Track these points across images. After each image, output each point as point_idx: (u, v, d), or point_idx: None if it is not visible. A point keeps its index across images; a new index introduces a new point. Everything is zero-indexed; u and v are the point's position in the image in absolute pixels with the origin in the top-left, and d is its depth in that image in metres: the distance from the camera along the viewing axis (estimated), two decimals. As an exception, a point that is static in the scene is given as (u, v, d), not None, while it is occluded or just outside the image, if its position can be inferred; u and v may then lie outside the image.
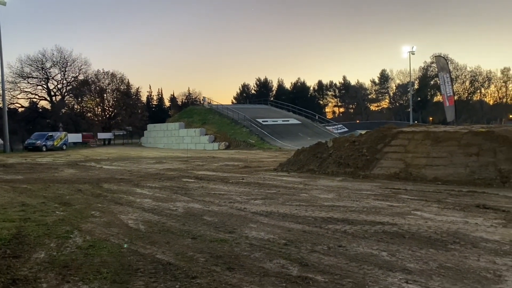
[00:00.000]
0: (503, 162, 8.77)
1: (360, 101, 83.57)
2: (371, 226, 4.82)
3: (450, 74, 21.10)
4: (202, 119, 35.98)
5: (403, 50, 44.35)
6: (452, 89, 19.62)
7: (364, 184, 8.84)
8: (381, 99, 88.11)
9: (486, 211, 5.60)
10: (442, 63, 20.94)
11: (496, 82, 75.20)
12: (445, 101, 19.71)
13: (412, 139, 10.73)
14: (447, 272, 3.19)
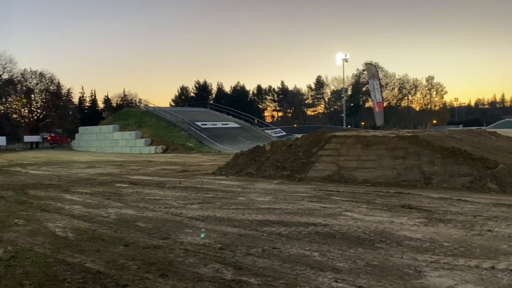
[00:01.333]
0: (426, 165, 9.40)
1: (298, 105, 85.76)
2: (304, 228, 4.95)
3: (379, 81, 22.33)
4: (138, 122, 34.97)
5: (337, 57, 46.13)
6: (381, 96, 20.75)
7: (300, 187, 9.06)
8: (317, 104, 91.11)
9: (411, 211, 5.96)
10: (373, 70, 22.11)
11: (422, 89, 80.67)
12: (375, 106, 20.85)
13: (344, 143, 11.19)
14: (373, 270, 3.36)
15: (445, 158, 9.37)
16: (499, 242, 4.12)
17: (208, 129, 33.32)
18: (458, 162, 9.14)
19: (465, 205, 6.40)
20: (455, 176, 8.78)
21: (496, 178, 8.34)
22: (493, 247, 3.94)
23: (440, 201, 6.87)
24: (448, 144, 10.02)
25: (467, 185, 8.39)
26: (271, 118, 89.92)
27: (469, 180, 8.50)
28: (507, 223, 4.98)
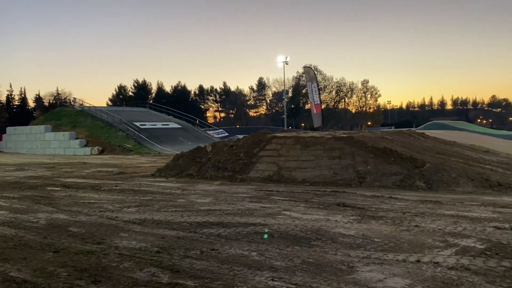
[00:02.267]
0: (360, 164, 9.82)
1: (240, 106, 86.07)
2: (244, 228, 4.97)
3: (317, 84, 23.02)
4: (73, 122, 33.32)
5: (278, 60, 46.92)
6: (319, 98, 21.41)
7: (241, 187, 9.10)
8: (259, 106, 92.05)
9: (345, 209, 6.20)
10: (311, 73, 22.76)
11: (358, 92, 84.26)
12: (313, 108, 21.48)
13: (284, 143, 11.40)
14: (308, 267, 3.45)
15: (378, 158, 9.85)
16: (425, 236, 4.40)
17: (147, 129, 32.48)
18: (389, 161, 9.64)
19: (396, 203, 6.77)
20: (387, 175, 9.25)
21: (424, 176, 8.89)
22: (419, 241, 4.20)
23: (373, 199, 7.20)
24: (380, 144, 10.53)
25: (398, 183, 8.87)
26: (213, 119, 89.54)
27: (400, 178, 9.00)
28: (432, 219, 5.32)
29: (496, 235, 4.38)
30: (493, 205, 6.46)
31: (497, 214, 5.64)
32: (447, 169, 9.13)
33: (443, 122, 45.35)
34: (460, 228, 4.77)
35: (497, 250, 3.81)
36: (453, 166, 9.49)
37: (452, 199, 7.08)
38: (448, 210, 6.01)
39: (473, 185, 8.54)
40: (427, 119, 72.88)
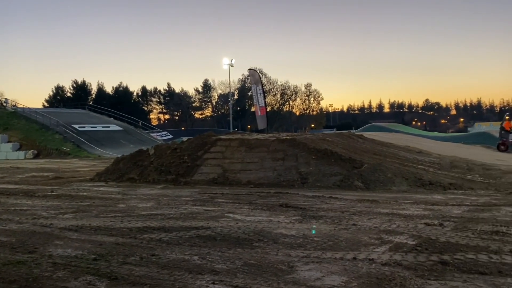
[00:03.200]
0: (302, 166, 10.05)
1: (185, 108, 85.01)
2: (186, 232, 4.91)
3: (262, 86, 23.30)
4: (4, 124, 31.25)
5: (224, 62, 46.93)
6: (264, 101, 21.63)
7: (185, 191, 8.98)
8: (205, 107, 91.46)
9: (288, 209, 6.31)
10: (256, 76, 22.97)
11: (301, 95, 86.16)
12: (258, 111, 21.69)
13: (229, 146, 11.41)
14: (250, 268, 3.47)
15: (319, 159, 10.13)
16: (361, 234, 4.59)
17: (86, 132, 31.18)
18: (330, 162, 9.95)
19: (335, 202, 7.00)
20: (328, 175, 9.54)
21: (362, 176, 9.27)
22: (356, 239, 4.37)
23: (314, 199, 7.40)
24: (321, 146, 10.84)
25: (338, 183, 9.18)
26: (157, 121, 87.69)
27: (339, 179, 9.31)
28: (368, 217, 5.56)
29: (426, 231, 4.66)
30: (425, 202, 6.87)
31: (428, 211, 6.00)
32: (383, 169, 9.57)
33: (380, 125, 47.57)
34: (394, 225, 5.03)
35: (426, 245, 4.05)
36: (389, 167, 9.97)
37: (388, 198, 7.43)
38: (384, 208, 6.31)
39: (407, 184, 9.02)
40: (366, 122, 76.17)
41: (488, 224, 5.03)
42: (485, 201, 7.05)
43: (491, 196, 7.85)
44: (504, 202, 6.95)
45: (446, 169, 11.71)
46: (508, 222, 5.12)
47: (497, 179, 10.64)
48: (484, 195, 8.01)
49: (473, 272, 3.25)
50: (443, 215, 5.65)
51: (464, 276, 3.17)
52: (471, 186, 9.12)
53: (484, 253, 3.75)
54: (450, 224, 5.02)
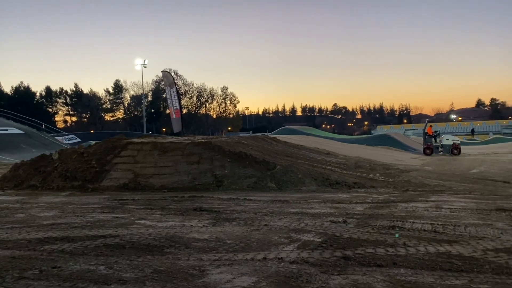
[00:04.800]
0: (218, 168, 10.08)
1: (94, 110, 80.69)
2: (92, 241, 4.65)
3: (177, 88, 22.95)
4: None
5: (136, 62, 45.37)
6: (179, 103, 21.32)
7: (92, 198, 8.51)
8: (117, 109, 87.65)
9: (202, 213, 6.28)
10: (170, 78, 22.55)
11: (218, 98, 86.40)
12: (172, 113, 21.32)
13: (141, 149, 11.06)
14: (160, 275, 3.39)
15: (234, 162, 10.24)
16: (272, 234, 4.71)
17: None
18: (245, 165, 10.10)
19: (249, 204, 7.11)
20: (242, 177, 9.67)
21: (275, 178, 9.54)
22: (267, 239, 4.48)
23: (229, 201, 7.45)
24: (236, 149, 10.97)
25: (252, 185, 9.35)
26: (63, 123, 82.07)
27: (254, 181, 9.50)
28: (280, 217, 5.74)
29: (331, 229, 4.92)
30: (331, 201, 7.27)
31: (334, 210, 6.35)
32: (294, 171, 9.96)
33: (293, 128, 49.30)
34: (303, 224, 5.24)
35: (331, 242, 4.28)
36: (300, 168, 10.40)
37: (298, 198, 7.74)
38: (294, 208, 6.56)
39: (316, 184, 9.48)
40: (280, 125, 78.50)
41: (386, 219, 5.46)
42: (384, 199, 7.65)
43: (390, 193, 8.55)
44: (400, 199, 7.61)
45: (351, 169, 12.52)
46: (403, 217, 5.61)
47: (396, 177, 11.63)
48: (384, 193, 8.70)
49: (372, 265, 3.50)
50: (347, 213, 6.02)
51: (363, 269, 3.40)
52: (373, 185, 9.85)
53: (382, 246, 4.06)
54: (353, 221, 5.37)
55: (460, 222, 5.26)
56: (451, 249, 3.93)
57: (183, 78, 77.56)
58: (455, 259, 3.63)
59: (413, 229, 4.86)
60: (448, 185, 10.04)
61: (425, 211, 6.10)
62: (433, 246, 4.04)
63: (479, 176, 12.28)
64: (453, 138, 23.96)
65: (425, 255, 3.76)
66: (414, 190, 9.13)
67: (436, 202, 7.05)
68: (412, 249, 3.94)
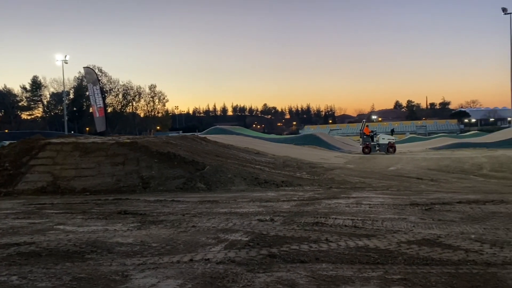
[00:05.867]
0: (144, 170, 9.80)
1: (9, 108, 74.67)
2: (4, 250, 4.30)
3: (100, 86, 21.95)
4: None
5: (57, 58, 42.68)
6: (103, 101, 20.40)
7: (5, 203, 7.88)
8: (34, 107, 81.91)
9: (126, 216, 6.06)
10: (93, 75, 21.49)
11: (145, 97, 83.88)
12: (95, 112, 20.34)
13: (61, 150, 10.43)
14: (79, 283, 3.22)
15: (162, 162, 10.02)
16: (200, 235, 4.68)
17: None
18: (173, 165, 9.93)
19: (177, 205, 7.00)
20: (171, 178, 9.50)
21: (204, 178, 9.49)
22: (194, 241, 4.44)
23: (156, 203, 7.28)
24: (164, 149, 10.75)
25: (181, 186, 9.22)
26: (-28, 123, 74.81)
27: (182, 181, 9.37)
28: (208, 218, 5.72)
29: (259, 227, 5.00)
30: (260, 200, 7.39)
31: (262, 208, 6.46)
32: (224, 170, 9.98)
33: (223, 127, 49.30)
34: (231, 224, 5.27)
35: (258, 240, 4.35)
36: (229, 167, 10.44)
37: (227, 198, 7.77)
38: (223, 208, 6.57)
39: (245, 184, 9.57)
40: (211, 124, 78.24)
41: (311, 216, 5.67)
42: (309, 196, 7.93)
43: (315, 191, 8.88)
44: (324, 196, 7.93)
45: (279, 168, 12.82)
46: (327, 214, 5.85)
47: (321, 175, 12.10)
48: (309, 190, 9.02)
49: (296, 261, 3.61)
50: (274, 211, 6.15)
51: (288, 266, 3.50)
52: (300, 183, 10.17)
53: (306, 243, 4.20)
54: (280, 219, 5.50)
55: (378, 217, 5.60)
56: (369, 243, 4.17)
57: (108, 75, 74.28)
58: (372, 252, 3.86)
59: (335, 225, 5.09)
60: (368, 182, 10.66)
61: (346, 207, 6.41)
62: (353, 241, 4.26)
63: (396, 173, 13.18)
64: (389, 137, 25.48)
65: (345, 249, 3.96)
66: (337, 187, 9.57)
67: (357, 199, 7.44)
68: (333, 244, 4.13)
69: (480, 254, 3.74)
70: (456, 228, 4.82)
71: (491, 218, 5.44)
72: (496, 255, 3.70)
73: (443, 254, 3.74)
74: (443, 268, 3.37)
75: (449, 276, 3.18)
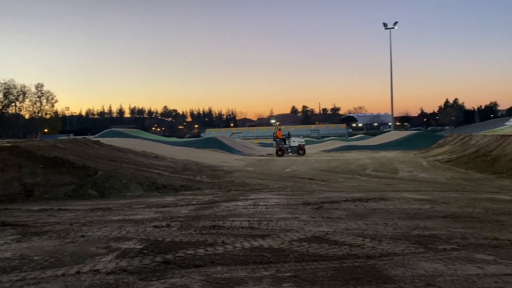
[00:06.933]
0: (28, 176, 8.93)
1: None
2: None
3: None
4: None
5: None
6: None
7: None
8: None
9: (5, 228, 5.46)
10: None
11: (31, 96, 76.58)
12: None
13: None
14: None
15: (48, 168, 9.24)
16: (89, 245, 4.39)
17: None
18: (61, 171, 9.21)
19: (65, 214, 6.50)
20: (58, 185, 8.80)
21: (96, 184, 8.95)
22: (83, 251, 4.15)
23: (40, 213, 6.68)
24: (51, 154, 9.92)
25: (70, 193, 8.58)
26: None
27: (72, 188, 8.73)
28: (99, 226, 5.39)
29: (154, 234, 4.86)
30: (157, 205, 7.18)
31: (158, 214, 6.29)
32: (118, 176, 9.52)
33: (119, 130, 47.13)
34: (124, 231, 5.04)
35: (153, 247, 4.22)
36: (125, 173, 10.00)
37: (122, 204, 7.42)
38: (116, 215, 6.25)
39: (142, 189, 9.24)
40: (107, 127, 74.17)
41: (209, 220, 5.67)
42: (209, 199, 7.93)
43: (214, 194, 8.91)
44: (224, 198, 8.00)
45: (179, 172, 12.63)
46: (224, 216, 5.90)
47: (221, 178, 12.20)
48: (209, 193, 9.02)
49: (191, 266, 3.57)
50: (171, 216, 6.03)
51: (182, 271, 3.45)
52: (199, 187, 10.13)
53: (202, 247, 4.19)
54: (177, 224, 5.40)
55: (273, 217, 5.81)
56: (264, 243, 4.30)
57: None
58: (266, 252, 3.98)
59: (232, 227, 5.15)
60: (266, 184, 11.01)
61: (244, 209, 6.54)
62: (249, 242, 4.36)
63: (291, 175, 13.81)
64: (299, 140, 26.72)
65: (240, 251, 4.03)
66: (236, 189, 9.71)
67: (255, 200, 7.63)
68: (229, 247, 4.18)
69: (361, 248, 4.08)
70: (342, 225, 5.20)
71: (372, 214, 5.97)
72: (375, 248, 4.07)
73: (330, 250, 4.01)
74: (329, 263, 3.61)
75: (334, 270, 3.41)
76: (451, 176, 13.34)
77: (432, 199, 7.44)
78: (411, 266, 3.49)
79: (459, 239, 4.41)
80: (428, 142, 28.98)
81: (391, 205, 6.69)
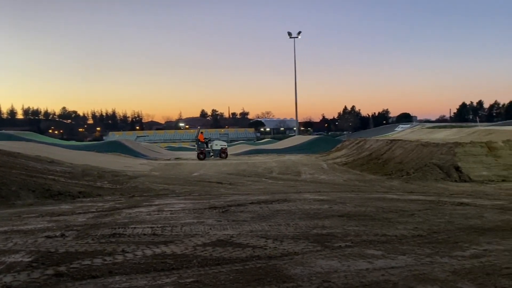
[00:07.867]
0: None
1: None
2: None
3: None
4: None
5: None
6: None
7: None
8: None
9: None
10: None
11: None
12: None
13: None
14: None
15: None
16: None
17: None
18: None
19: None
20: None
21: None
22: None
23: None
24: None
25: None
26: None
27: None
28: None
29: (46, 245, 4.47)
30: (51, 214, 6.64)
31: (52, 223, 5.81)
32: (7, 182, 8.65)
33: (9, 133, 42.89)
34: (11, 244, 4.57)
35: (44, 259, 3.88)
36: (14, 179, 9.11)
37: (10, 214, 6.74)
38: (3, 226, 5.65)
39: (34, 197, 8.50)
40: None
41: (109, 228, 5.38)
42: (110, 206, 7.54)
43: (116, 200, 8.49)
44: (126, 205, 7.66)
45: (77, 177, 11.84)
46: (126, 224, 5.65)
47: (124, 184, 11.69)
48: (110, 200, 8.58)
49: (86, 277, 3.35)
50: (67, 225, 5.61)
51: (76, 283, 3.22)
52: (100, 193, 9.59)
53: (100, 256, 3.96)
54: (73, 233, 5.04)
55: (178, 222, 5.70)
56: (166, 249, 4.20)
57: None
58: (168, 258, 3.89)
59: (133, 234, 4.95)
60: (172, 189, 10.80)
61: (147, 216, 6.33)
62: (151, 249, 4.22)
63: (198, 179, 13.72)
64: (221, 144, 26.54)
65: (141, 259, 3.88)
66: (140, 195, 9.37)
67: (159, 206, 7.43)
68: (130, 255, 4.00)
69: (264, 249, 4.18)
70: (247, 227, 5.29)
71: (276, 215, 6.17)
72: (277, 249, 4.20)
73: (233, 253, 4.05)
74: (233, 266, 3.64)
75: (236, 273, 3.45)
76: (347, 177, 14.34)
77: (330, 199, 7.92)
78: (309, 264, 3.67)
79: (353, 236, 4.75)
80: (328, 146, 30.80)
81: (293, 206, 6.98)
